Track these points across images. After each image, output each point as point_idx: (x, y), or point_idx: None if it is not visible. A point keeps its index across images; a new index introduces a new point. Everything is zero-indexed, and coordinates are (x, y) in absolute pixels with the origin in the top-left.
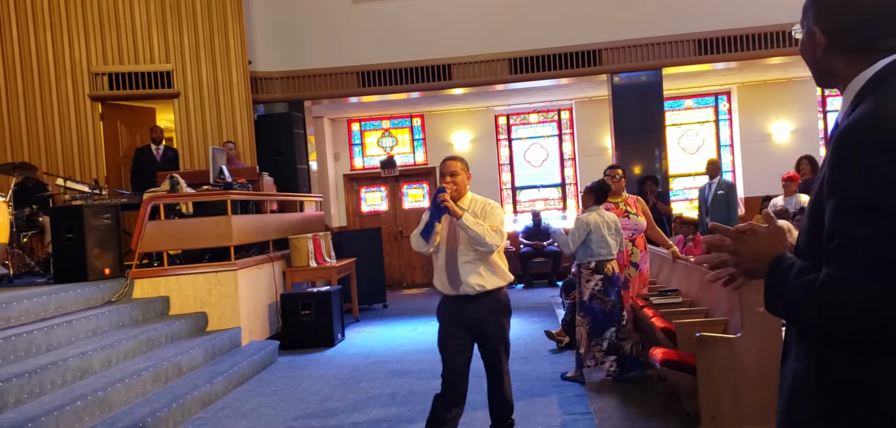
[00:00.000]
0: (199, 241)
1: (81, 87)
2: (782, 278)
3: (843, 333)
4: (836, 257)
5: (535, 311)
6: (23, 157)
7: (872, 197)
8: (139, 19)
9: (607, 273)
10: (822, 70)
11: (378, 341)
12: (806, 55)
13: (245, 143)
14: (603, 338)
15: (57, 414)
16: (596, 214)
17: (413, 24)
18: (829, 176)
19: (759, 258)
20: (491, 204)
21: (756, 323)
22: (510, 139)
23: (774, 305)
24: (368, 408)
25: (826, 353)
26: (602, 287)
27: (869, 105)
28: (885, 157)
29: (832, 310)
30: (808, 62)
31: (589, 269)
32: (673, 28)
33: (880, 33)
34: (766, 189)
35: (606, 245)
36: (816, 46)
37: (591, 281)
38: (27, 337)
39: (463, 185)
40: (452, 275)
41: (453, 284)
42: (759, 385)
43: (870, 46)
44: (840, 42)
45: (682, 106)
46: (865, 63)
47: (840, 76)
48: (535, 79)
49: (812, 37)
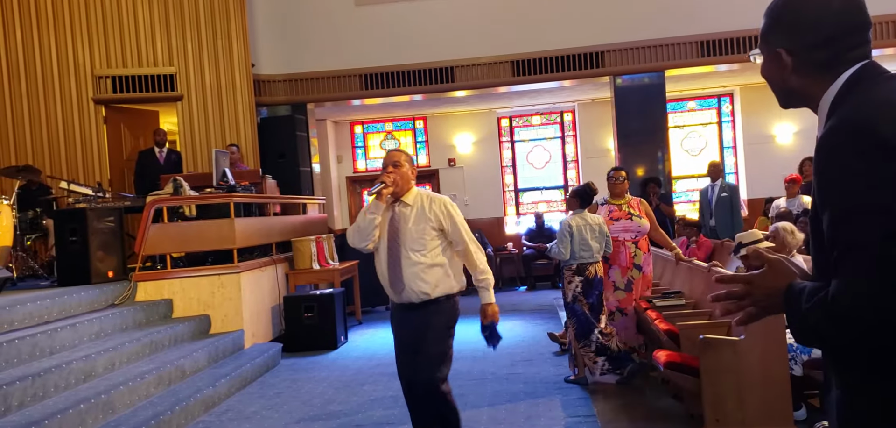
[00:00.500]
0: (203, 243)
1: (85, 90)
2: (797, 306)
3: (859, 340)
4: (839, 267)
5: (538, 313)
6: (27, 160)
7: (860, 200)
8: (142, 22)
9: (589, 276)
10: (790, 91)
11: (381, 344)
12: (771, 78)
13: (248, 145)
14: (590, 340)
15: (60, 417)
16: (579, 218)
17: (416, 26)
18: (818, 190)
19: (772, 293)
20: (446, 203)
21: (759, 325)
22: (513, 141)
23: (800, 334)
24: (371, 410)
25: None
26: (581, 289)
27: (842, 113)
28: (864, 160)
29: (844, 320)
30: (774, 85)
31: (571, 270)
32: (675, 30)
33: (845, 47)
34: (769, 191)
35: (589, 248)
36: (783, 68)
37: (572, 283)
38: (31, 340)
39: (407, 178)
40: (394, 278)
41: (395, 289)
42: (763, 387)
43: (836, 61)
44: (807, 61)
45: (685, 108)
46: (832, 77)
47: (810, 94)
48: (538, 81)
49: (777, 59)
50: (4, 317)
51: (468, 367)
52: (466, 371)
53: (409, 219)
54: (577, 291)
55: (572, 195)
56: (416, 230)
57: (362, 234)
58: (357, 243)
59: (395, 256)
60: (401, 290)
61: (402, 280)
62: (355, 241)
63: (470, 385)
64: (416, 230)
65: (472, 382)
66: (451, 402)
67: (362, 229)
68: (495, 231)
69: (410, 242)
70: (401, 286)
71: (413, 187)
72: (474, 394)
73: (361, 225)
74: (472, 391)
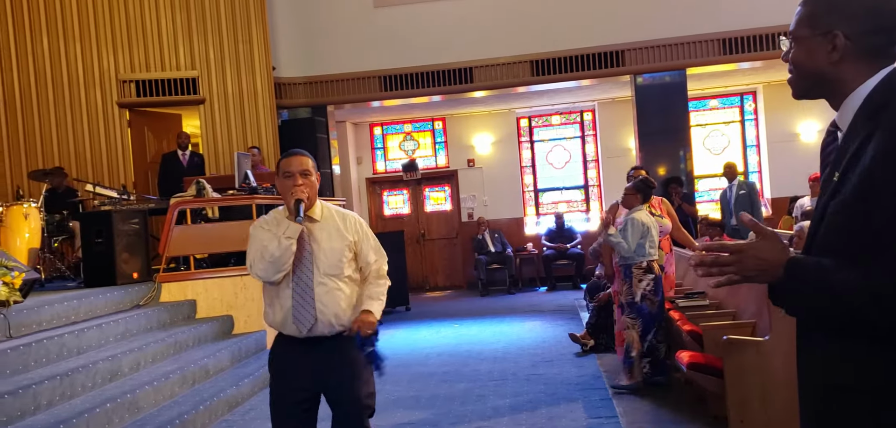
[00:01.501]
0: (225, 245)
1: (110, 94)
2: (807, 277)
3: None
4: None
5: (559, 313)
6: (54, 164)
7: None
8: (165, 28)
9: (657, 273)
10: (823, 78)
11: (401, 344)
12: (805, 63)
13: (269, 148)
14: (645, 340)
15: (87, 416)
16: (646, 214)
17: (434, 27)
18: (882, 174)
19: (764, 264)
20: (359, 220)
21: (785, 325)
22: (532, 141)
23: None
24: (393, 411)
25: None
26: (653, 287)
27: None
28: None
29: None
30: (811, 69)
31: (641, 269)
32: (697, 28)
33: (889, 43)
34: (794, 190)
35: (655, 245)
36: (831, 52)
37: (643, 281)
38: (58, 340)
39: (315, 188)
40: (302, 309)
41: (301, 322)
42: (789, 388)
43: (885, 52)
44: (864, 46)
45: (707, 106)
46: (875, 69)
47: (845, 83)
48: (558, 80)
49: (829, 41)
50: (33, 317)
51: (488, 367)
52: (487, 372)
53: (322, 238)
54: (648, 290)
55: (633, 190)
56: (331, 250)
57: (277, 264)
58: (270, 276)
59: (304, 283)
60: (310, 323)
61: (314, 310)
62: (268, 273)
63: (491, 386)
64: (331, 250)
65: (492, 383)
66: None
67: (278, 259)
68: (515, 232)
69: (325, 265)
70: (310, 318)
71: (317, 199)
72: (495, 395)
73: (277, 254)
74: (492, 392)
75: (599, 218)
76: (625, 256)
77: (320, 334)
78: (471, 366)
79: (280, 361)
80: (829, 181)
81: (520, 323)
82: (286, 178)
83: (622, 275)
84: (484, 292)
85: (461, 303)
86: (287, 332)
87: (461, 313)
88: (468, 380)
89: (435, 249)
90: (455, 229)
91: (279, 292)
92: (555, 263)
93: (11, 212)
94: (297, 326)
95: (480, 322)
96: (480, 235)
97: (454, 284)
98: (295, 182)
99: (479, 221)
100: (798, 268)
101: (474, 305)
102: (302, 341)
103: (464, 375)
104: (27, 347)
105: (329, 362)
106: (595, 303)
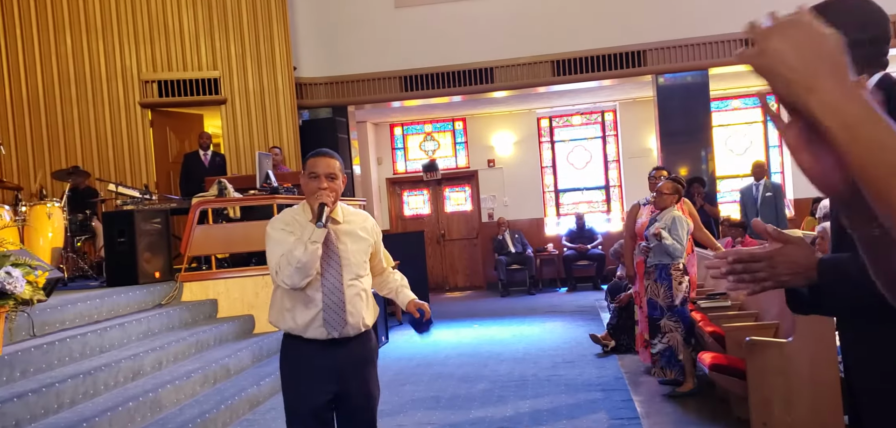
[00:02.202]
0: (247, 244)
1: (132, 94)
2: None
3: None
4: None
5: (579, 314)
6: (76, 163)
7: None
8: (187, 28)
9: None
10: None
11: (421, 344)
12: None
13: (290, 148)
14: (689, 343)
15: (110, 414)
16: (683, 214)
17: (455, 27)
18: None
19: (796, 267)
20: (372, 219)
21: (809, 327)
22: (553, 141)
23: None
24: (413, 411)
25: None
26: (688, 288)
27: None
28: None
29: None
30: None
31: (679, 270)
32: (719, 28)
33: (881, 53)
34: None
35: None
36: None
37: (682, 283)
38: (81, 339)
39: (339, 192)
40: (335, 309)
41: (334, 323)
42: (812, 391)
43: (877, 62)
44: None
45: (729, 106)
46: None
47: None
48: (579, 81)
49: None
50: (56, 316)
51: (509, 368)
52: (507, 373)
53: (347, 240)
54: (688, 292)
55: (670, 190)
56: (357, 251)
57: (305, 270)
58: (297, 283)
59: (334, 286)
60: (343, 324)
61: (345, 313)
62: (295, 280)
63: (511, 387)
64: (356, 251)
65: (512, 384)
66: None
67: (306, 265)
68: (535, 232)
69: (352, 266)
70: (342, 321)
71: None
72: (515, 396)
73: (304, 259)
74: (513, 393)
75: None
76: (674, 256)
77: (346, 336)
78: (491, 367)
79: (305, 363)
80: None
81: (540, 324)
82: (312, 180)
83: (656, 277)
84: (504, 293)
85: (481, 303)
86: (310, 335)
87: (481, 314)
88: (488, 381)
89: (455, 249)
90: (475, 230)
91: (306, 296)
92: (575, 264)
93: (35, 211)
94: (328, 330)
95: (500, 323)
96: (500, 235)
97: (474, 284)
98: (320, 185)
99: (499, 222)
100: (832, 266)
101: (494, 305)
102: (323, 343)
103: (484, 375)
104: (50, 346)
105: (353, 362)
106: (616, 304)
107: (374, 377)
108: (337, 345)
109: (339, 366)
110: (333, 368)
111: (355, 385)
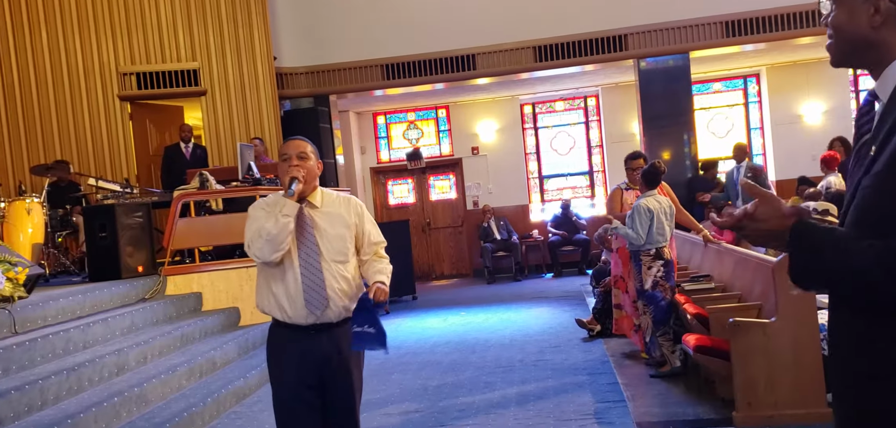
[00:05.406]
0: (230, 236)
1: (110, 87)
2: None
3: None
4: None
5: (565, 299)
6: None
7: None
8: (165, 18)
9: (667, 258)
10: (868, 44)
11: (408, 333)
12: (851, 25)
13: (272, 138)
14: (669, 327)
15: (95, 410)
16: (653, 200)
17: (436, 14)
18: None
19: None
20: (360, 204)
21: (791, 307)
22: (536, 128)
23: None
24: (400, 401)
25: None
26: (663, 273)
27: None
28: None
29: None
30: (852, 33)
31: (649, 256)
32: (700, 10)
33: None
34: (799, 171)
35: (663, 231)
36: (875, 15)
37: (653, 268)
38: (64, 335)
39: (314, 173)
40: (315, 293)
41: (314, 307)
42: (795, 370)
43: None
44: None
45: (711, 89)
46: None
47: (886, 51)
48: (561, 66)
49: (872, 3)
50: (38, 313)
51: (496, 354)
52: (494, 359)
53: (324, 224)
54: (659, 276)
55: (641, 178)
56: (336, 236)
57: (275, 242)
58: (267, 255)
59: (312, 266)
60: (323, 307)
61: (326, 295)
62: (265, 252)
63: (498, 373)
64: (335, 236)
65: (500, 370)
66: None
67: (275, 236)
68: (520, 218)
69: (331, 251)
70: (323, 303)
71: (317, 185)
72: (502, 381)
73: (274, 231)
74: (500, 379)
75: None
76: (635, 244)
77: (328, 321)
78: (478, 353)
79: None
80: (864, 153)
81: (526, 310)
82: (284, 161)
83: (633, 262)
84: (490, 280)
85: (467, 291)
86: (292, 318)
87: (467, 301)
88: (475, 367)
89: (440, 237)
90: (460, 217)
91: (284, 275)
92: (560, 250)
93: (14, 207)
94: (309, 310)
95: (487, 310)
96: (486, 222)
97: (460, 272)
98: (291, 163)
99: (484, 209)
100: (806, 234)
101: (481, 292)
102: (308, 329)
103: (471, 362)
104: (33, 343)
105: (338, 348)
106: (601, 288)
107: (358, 365)
108: (321, 331)
109: (324, 352)
110: (318, 353)
111: (340, 372)
